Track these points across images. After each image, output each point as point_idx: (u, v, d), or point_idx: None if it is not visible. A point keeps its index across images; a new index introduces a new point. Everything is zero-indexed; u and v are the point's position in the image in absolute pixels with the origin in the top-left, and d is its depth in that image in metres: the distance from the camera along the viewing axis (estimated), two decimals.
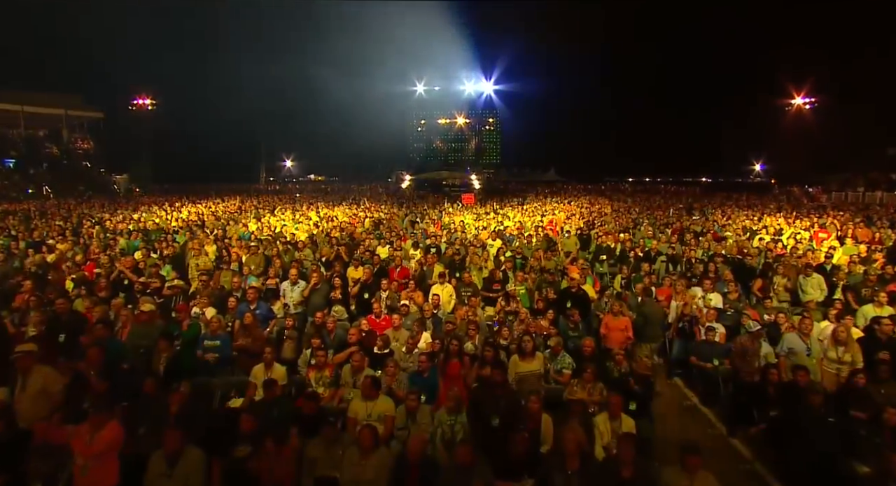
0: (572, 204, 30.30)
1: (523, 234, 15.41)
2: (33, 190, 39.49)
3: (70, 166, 46.51)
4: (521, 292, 9.32)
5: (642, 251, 12.94)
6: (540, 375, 6.03)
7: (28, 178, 42.62)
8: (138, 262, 10.39)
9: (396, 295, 9.14)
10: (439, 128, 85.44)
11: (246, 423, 4.56)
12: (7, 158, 44.09)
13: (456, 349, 6.18)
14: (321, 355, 6.23)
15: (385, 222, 19.12)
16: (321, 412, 5.15)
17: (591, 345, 6.79)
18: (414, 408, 5.32)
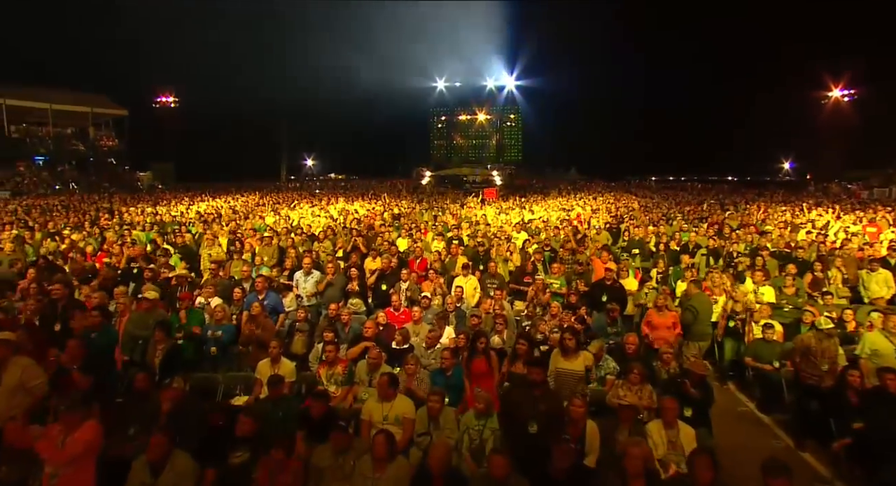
0: (597, 199, 29.27)
1: (549, 227, 14.63)
2: (60, 186, 40.09)
3: (96, 163, 47.20)
4: (557, 285, 8.57)
5: (679, 244, 12.08)
6: (581, 377, 5.29)
7: (56, 175, 43.35)
8: (149, 252, 9.99)
9: (417, 287, 8.51)
10: (460, 124, 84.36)
11: (244, 425, 3.95)
12: (37, 156, 44.96)
13: (483, 345, 5.49)
14: (331, 349, 5.61)
15: (405, 216, 18.51)
16: (331, 414, 4.52)
17: (635, 343, 6.04)
18: (437, 411, 4.65)
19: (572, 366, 5.24)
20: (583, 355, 5.42)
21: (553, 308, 7.27)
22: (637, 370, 5.23)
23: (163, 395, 4.41)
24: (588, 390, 5.29)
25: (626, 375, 5.26)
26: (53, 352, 4.79)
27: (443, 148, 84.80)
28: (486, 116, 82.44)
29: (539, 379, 4.30)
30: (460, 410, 5.05)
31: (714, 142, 76.60)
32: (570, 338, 5.32)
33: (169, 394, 4.40)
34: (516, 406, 4.16)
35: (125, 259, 9.07)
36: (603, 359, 5.87)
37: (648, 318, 6.89)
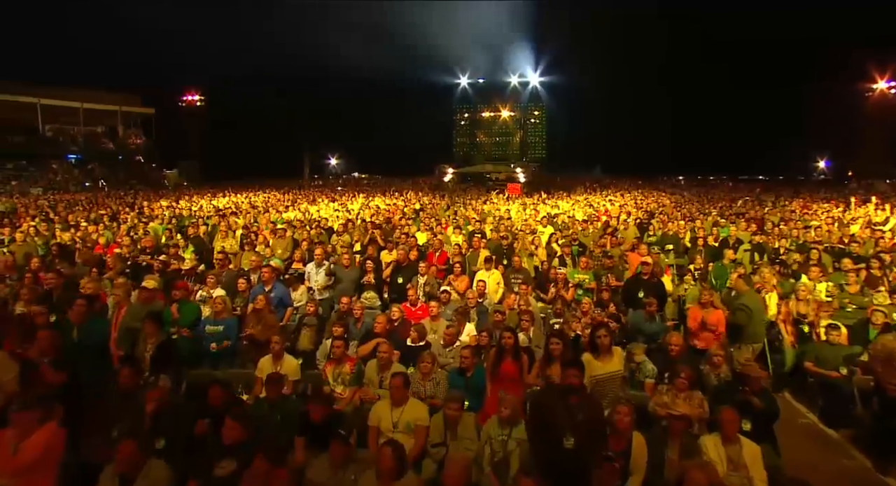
0: (625, 196, 28.22)
1: (576, 221, 13.89)
2: (90, 183, 40.89)
3: (125, 161, 48.10)
4: (587, 280, 7.90)
5: (716, 240, 11.22)
6: (622, 378, 4.61)
7: (86, 172, 44.27)
8: (161, 244, 9.67)
9: (436, 281, 7.94)
10: (483, 121, 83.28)
11: (231, 431, 3.42)
12: (70, 154, 46.01)
13: (511, 344, 4.87)
14: (339, 345, 5.07)
15: (426, 210, 17.96)
16: (334, 419, 3.97)
17: (680, 343, 5.33)
18: (455, 417, 4.06)
19: (608, 367, 4.55)
20: (617, 353, 4.74)
21: (584, 304, 6.61)
22: (685, 375, 4.55)
23: (148, 395, 3.92)
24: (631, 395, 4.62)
25: (672, 379, 4.58)
26: (15, 343, 4.36)
27: (465, 146, 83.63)
28: (510, 113, 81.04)
29: (577, 383, 3.66)
30: (481, 417, 4.45)
31: (745, 141, 73.83)
32: (604, 335, 4.65)
33: (154, 394, 3.91)
34: (548, 414, 3.52)
35: (137, 250, 8.72)
36: (642, 361, 5.20)
37: (692, 316, 6.16)
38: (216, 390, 4.16)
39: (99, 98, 47.30)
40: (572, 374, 3.60)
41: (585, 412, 3.67)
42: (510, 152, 79.52)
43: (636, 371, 5.11)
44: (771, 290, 6.96)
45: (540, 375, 4.74)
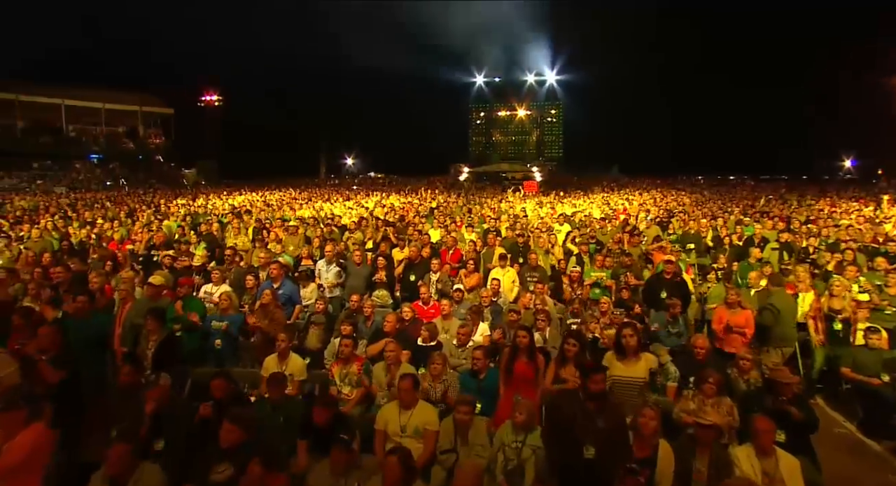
0: (643, 195, 27.64)
1: (594, 219, 13.54)
2: (111, 183, 41.57)
3: (145, 161, 48.86)
4: (604, 276, 7.61)
5: (740, 239, 10.79)
6: (645, 386, 4.33)
7: (108, 172, 45.04)
8: (173, 239, 9.62)
9: (449, 279, 7.71)
10: (499, 120, 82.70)
11: (228, 434, 3.24)
12: (92, 154, 46.87)
13: (525, 343, 4.61)
14: (347, 344, 4.87)
15: (441, 208, 17.74)
16: (338, 422, 3.76)
17: (706, 346, 5.02)
18: (465, 422, 3.83)
19: (633, 372, 4.27)
20: (644, 358, 4.43)
21: (603, 304, 6.32)
22: (713, 380, 4.25)
23: (147, 394, 3.76)
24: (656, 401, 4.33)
25: (699, 384, 4.29)
26: (17, 339, 4.25)
27: (481, 145, 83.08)
28: (526, 112, 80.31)
29: (600, 389, 3.38)
30: (494, 422, 4.21)
31: (766, 140, 71.92)
32: (630, 334, 4.34)
33: (154, 393, 3.75)
34: (567, 421, 3.27)
35: (145, 245, 8.66)
36: (665, 363, 4.90)
37: (718, 317, 5.83)
38: (219, 382, 3.99)
39: (120, 98, 48.18)
40: (596, 379, 3.32)
41: (607, 419, 3.43)
42: (526, 151, 78.70)
43: (658, 374, 4.82)
44: (806, 289, 6.59)
45: (553, 377, 4.47)
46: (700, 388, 4.27)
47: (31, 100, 43.45)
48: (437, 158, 71.48)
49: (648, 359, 4.41)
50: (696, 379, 4.40)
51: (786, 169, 64.25)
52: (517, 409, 3.78)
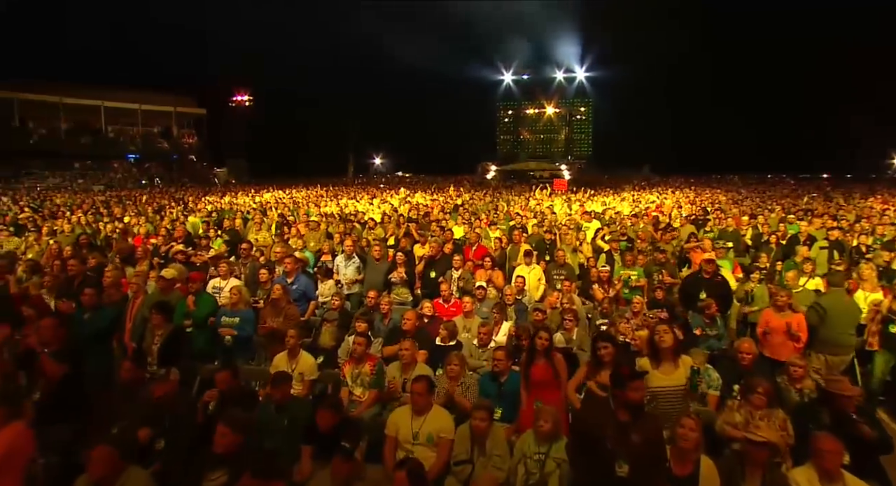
0: (676, 193, 26.65)
1: (625, 216, 12.98)
2: (146, 181, 42.76)
3: (179, 160, 50.16)
4: (635, 276, 7.15)
5: (784, 238, 10.10)
6: (685, 393, 3.88)
7: (144, 171, 46.38)
8: (194, 235, 9.57)
9: (472, 276, 7.37)
10: (527, 118, 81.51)
11: (223, 437, 2.99)
12: (129, 154, 48.36)
13: (545, 343, 4.19)
14: (361, 342, 4.59)
15: (466, 205, 17.38)
16: (345, 428, 3.47)
17: (752, 351, 4.53)
18: (483, 430, 3.49)
19: (671, 379, 3.80)
20: (683, 362, 3.96)
21: (635, 304, 5.88)
22: (763, 389, 3.79)
23: (152, 389, 3.56)
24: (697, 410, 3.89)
25: (746, 394, 3.83)
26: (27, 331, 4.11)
27: (509, 143, 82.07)
28: (555, 110, 78.90)
29: (638, 398, 2.97)
30: (514, 429, 3.86)
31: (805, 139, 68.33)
32: (665, 332, 3.84)
33: (160, 388, 3.53)
34: (597, 433, 2.89)
35: (166, 241, 8.61)
36: (703, 370, 4.44)
37: (765, 320, 5.32)
38: (224, 375, 3.78)
39: (155, 99, 49.66)
40: (635, 388, 2.91)
41: (642, 432, 3.03)
42: (555, 150, 77.32)
43: (697, 381, 4.37)
44: (873, 289, 5.98)
45: (579, 383, 4.06)
46: (747, 398, 3.81)
47: (73, 102, 45.13)
48: (465, 158, 71.06)
49: (687, 363, 3.92)
50: (743, 388, 3.94)
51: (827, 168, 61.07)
52: (540, 417, 3.43)
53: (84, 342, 4.35)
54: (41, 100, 43.75)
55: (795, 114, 70.32)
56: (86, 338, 4.40)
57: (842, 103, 66.71)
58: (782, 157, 61.00)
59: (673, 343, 3.79)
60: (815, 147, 64.03)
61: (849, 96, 66.17)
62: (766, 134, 71.50)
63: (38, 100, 43.66)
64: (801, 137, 67.58)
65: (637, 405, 2.96)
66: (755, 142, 70.10)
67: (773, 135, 70.75)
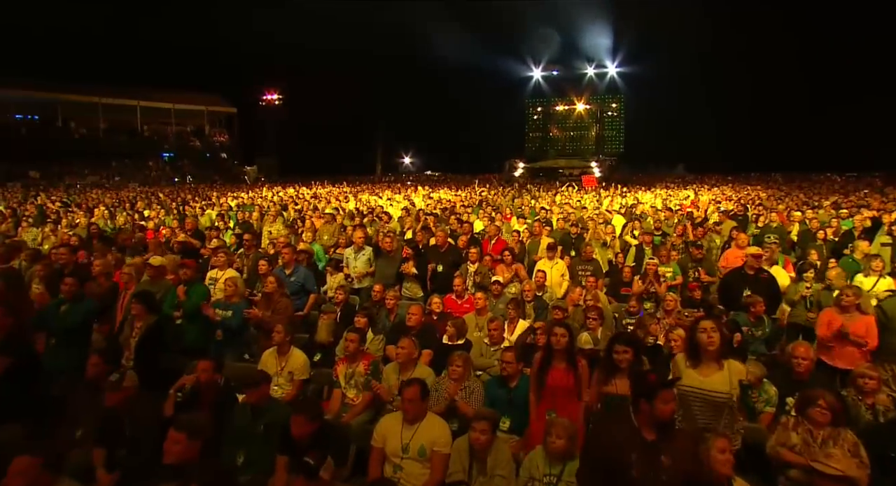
0: (713, 189, 25.35)
1: (659, 210, 12.18)
2: (179, 179, 43.65)
3: (213, 159, 51.13)
4: (670, 273, 6.49)
5: (837, 234, 9.17)
6: (727, 405, 3.12)
7: (177, 169, 47.38)
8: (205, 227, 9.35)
9: (489, 271, 6.83)
10: (557, 115, 79.72)
11: (173, 445, 2.55)
12: (163, 152, 49.51)
13: (564, 344, 3.59)
14: (354, 339, 4.12)
15: (489, 200, 16.81)
16: (324, 437, 3.00)
17: (810, 356, 3.85)
18: (483, 444, 2.95)
19: (710, 383, 3.10)
20: (729, 367, 3.17)
21: (669, 301, 5.24)
22: (825, 403, 3.13)
23: (107, 396, 3.16)
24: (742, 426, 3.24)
25: (805, 408, 3.18)
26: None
27: (538, 141, 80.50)
28: (585, 106, 76.80)
29: (668, 413, 2.37)
30: (522, 445, 3.32)
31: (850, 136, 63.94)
32: (713, 329, 3.10)
33: (112, 398, 3.13)
34: (617, 455, 2.31)
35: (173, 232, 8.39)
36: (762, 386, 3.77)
37: (826, 321, 4.59)
38: (207, 364, 3.38)
39: (188, 99, 50.68)
40: (666, 397, 2.31)
41: (674, 456, 2.44)
42: (585, 147, 75.23)
43: (752, 399, 3.70)
44: None
45: (596, 391, 3.42)
46: (805, 413, 3.17)
47: (111, 102, 46.45)
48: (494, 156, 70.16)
49: (734, 369, 3.17)
50: (800, 401, 3.29)
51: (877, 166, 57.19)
52: (553, 431, 2.88)
53: (60, 335, 4.03)
54: (82, 101, 45.16)
55: (844, 107, 66.18)
56: (62, 331, 4.07)
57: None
58: (830, 154, 57.22)
59: (720, 344, 3.09)
60: (864, 143, 60.08)
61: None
62: (811, 130, 67.53)
63: (79, 101, 45.07)
64: (849, 132, 63.56)
65: (667, 420, 2.37)
66: (799, 139, 66.26)
67: (818, 131, 66.76)
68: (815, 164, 51.69)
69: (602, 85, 78.15)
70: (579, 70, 77.85)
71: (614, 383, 3.24)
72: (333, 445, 3.15)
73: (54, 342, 4.13)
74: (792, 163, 52.86)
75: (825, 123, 66.33)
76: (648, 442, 2.31)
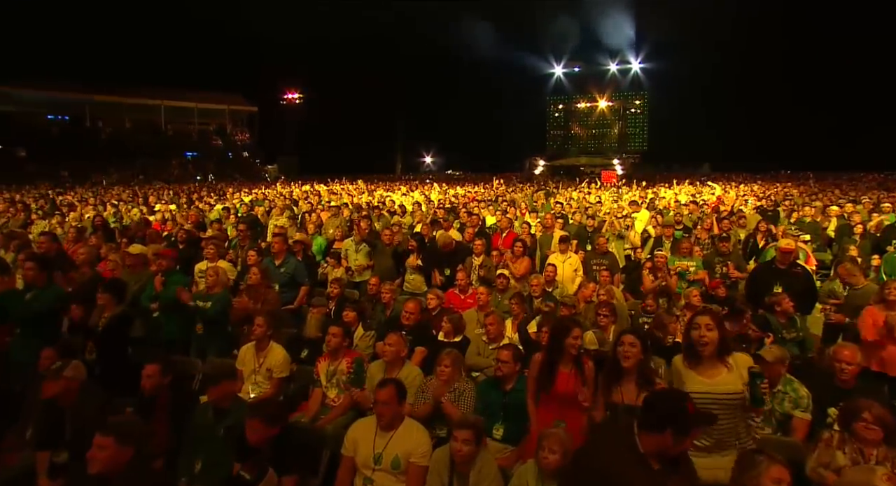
0: (741, 186, 24.29)
1: (682, 204, 11.55)
2: (201, 178, 44.19)
3: (234, 158, 51.74)
4: (692, 268, 5.97)
5: (879, 229, 8.47)
6: (741, 404, 2.56)
7: (199, 168, 48.03)
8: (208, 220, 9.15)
9: (495, 265, 6.41)
10: (578, 112, 78.20)
11: (99, 451, 2.20)
12: (187, 151, 50.25)
13: (575, 342, 3.11)
14: (336, 334, 3.75)
15: (506, 196, 16.32)
16: (285, 445, 2.64)
17: (856, 360, 3.32)
18: (465, 455, 2.53)
19: (719, 385, 2.54)
20: (736, 363, 2.61)
21: (692, 296, 4.75)
22: (872, 415, 2.65)
23: (45, 387, 2.85)
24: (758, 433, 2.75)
25: (850, 422, 2.69)
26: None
27: (559, 138, 79.11)
28: (608, 103, 75.02)
29: (687, 448, 1.88)
30: (518, 456, 2.90)
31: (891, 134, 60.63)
32: (706, 326, 2.57)
33: (50, 388, 2.81)
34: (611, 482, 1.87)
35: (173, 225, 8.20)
36: (784, 382, 3.27)
37: (870, 319, 4.04)
38: (151, 370, 3.05)
39: (210, 98, 51.45)
40: (696, 435, 1.82)
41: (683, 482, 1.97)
42: (607, 145, 73.62)
43: (760, 391, 3.13)
44: None
45: (600, 399, 2.91)
46: (851, 428, 2.68)
47: (136, 102, 47.42)
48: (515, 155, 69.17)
49: (742, 362, 2.59)
50: (843, 414, 2.80)
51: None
52: (545, 443, 2.45)
53: (24, 324, 3.77)
54: (109, 101, 46.22)
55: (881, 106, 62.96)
56: (25, 319, 3.81)
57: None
58: (864, 154, 54.31)
59: (717, 341, 2.55)
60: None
61: None
62: (845, 129, 64.39)
63: (107, 101, 46.14)
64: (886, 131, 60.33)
65: (681, 453, 1.91)
66: (832, 138, 63.15)
67: (853, 130, 63.58)
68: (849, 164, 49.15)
69: (625, 81, 76.15)
70: (602, 66, 76.03)
71: (619, 390, 2.75)
72: (301, 452, 2.79)
73: (19, 332, 3.88)
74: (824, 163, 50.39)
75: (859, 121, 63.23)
76: (653, 470, 1.86)
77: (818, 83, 67.57)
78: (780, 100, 69.19)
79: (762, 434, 3.15)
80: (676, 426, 1.86)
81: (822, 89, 67.10)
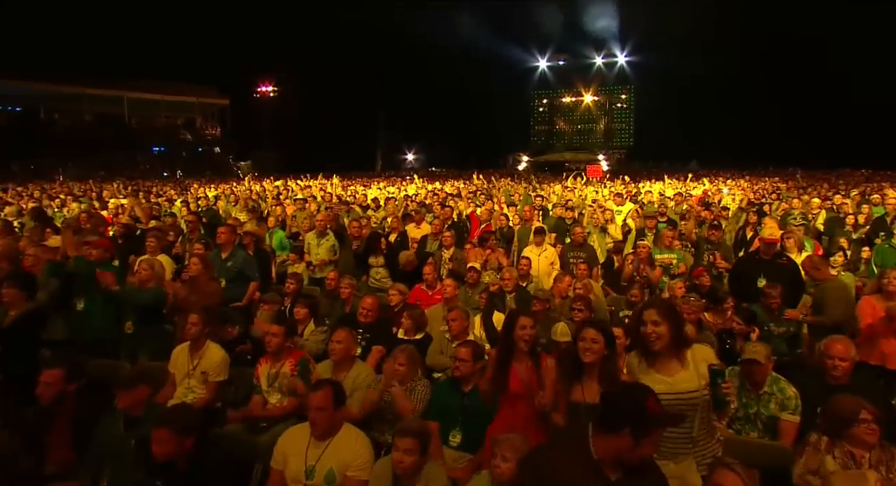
0: (729, 182, 24.27)
1: (667, 197, 11.35)
2: (168, 174, 42.58)
3: (205, 153, 49.94)
4: (675, 260, 5.66)
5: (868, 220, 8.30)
6: (704, 402, 2.22)
7: (167, 163, 46.21)
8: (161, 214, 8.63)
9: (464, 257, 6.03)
10: (563, 107, 77.56)
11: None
12: (153, 146, 48.33)
13: (529, 338, 2.75)
14: (276, 333, 3.33)
15: (484, 189, 15.96)
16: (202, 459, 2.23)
17: (849, 356, 3.01)
18: (407, 467, 2.16)
19: (679, 383, 2.20)
20: (694, 358, 2.26)
21: (676, 288, 4.45)
22: (870, 415, 2.36)
23: None
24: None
25: (843, 430, 2.38)
26: None
27: (544, 133, 78.42)
28: (593, 98, 74.30)
29: (650, 454, 1.56)
30: (472, 466, 2.54)
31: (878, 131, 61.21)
32: (653, 322, 2.21)
33: None
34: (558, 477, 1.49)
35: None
36: (770, 381, 2.96)
37: (868, 310, 3.75)
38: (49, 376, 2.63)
39: (178, 90, 48.82)
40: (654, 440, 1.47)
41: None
42: (593, 140, 73.06)
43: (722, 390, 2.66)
44: None
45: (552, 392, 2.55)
46: (849, 435, 2.38)
47: (96, 93, 45.05)
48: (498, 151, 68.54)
49: (700, 356, 2.27)
50: (835, 418, 2.47)
51: None
52: (497, 451, 2.09)
53: None
54: (66, 91, 43.37)
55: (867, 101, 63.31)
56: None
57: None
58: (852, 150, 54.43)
59: (669, 338, 2.20)
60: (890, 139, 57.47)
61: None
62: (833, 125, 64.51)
63: (63, 92, 43.26)
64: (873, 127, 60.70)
65: (644, 461, 1.56)
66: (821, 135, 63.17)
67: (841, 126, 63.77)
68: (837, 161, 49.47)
69: (611, 75, 75.50)
70: (587, 59, 75.30)
71: (579, 387, 2.39)
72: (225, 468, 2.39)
73: None
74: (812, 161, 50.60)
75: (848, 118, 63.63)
76: (611, 483, 1.51)
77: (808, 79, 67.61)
78: (769, 95, 69.14)
79: (746, 439, 2.86)
80: (635, 426, 1.54)
81: (814, 85, 67.09)
